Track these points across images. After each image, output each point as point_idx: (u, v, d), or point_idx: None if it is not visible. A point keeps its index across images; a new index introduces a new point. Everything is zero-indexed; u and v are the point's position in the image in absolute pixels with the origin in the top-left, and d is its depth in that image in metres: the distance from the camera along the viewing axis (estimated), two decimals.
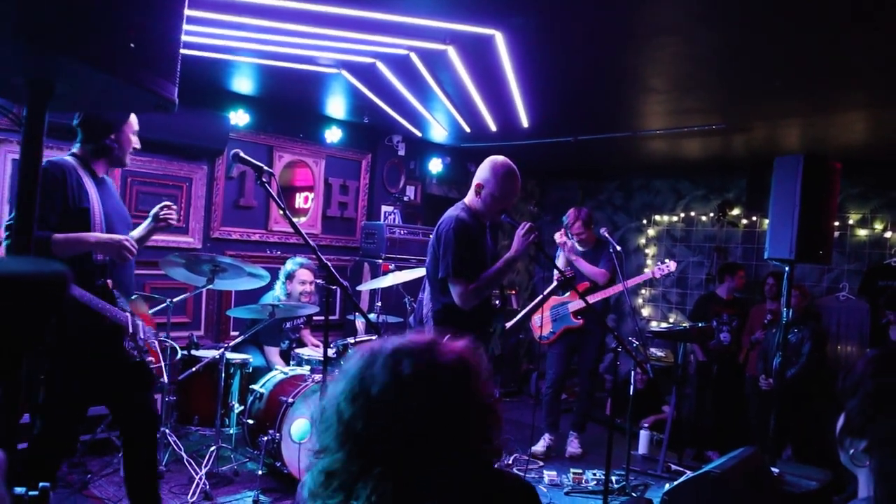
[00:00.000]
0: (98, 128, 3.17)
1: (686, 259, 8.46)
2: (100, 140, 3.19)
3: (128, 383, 3.30)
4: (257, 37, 4.34)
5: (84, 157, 3.21)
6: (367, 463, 1.18)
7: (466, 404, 1.24)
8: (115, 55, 1.29)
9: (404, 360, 1.24)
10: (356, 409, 1.21)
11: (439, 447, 1.19)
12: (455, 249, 3.36)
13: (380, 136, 7.36)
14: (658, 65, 4.51)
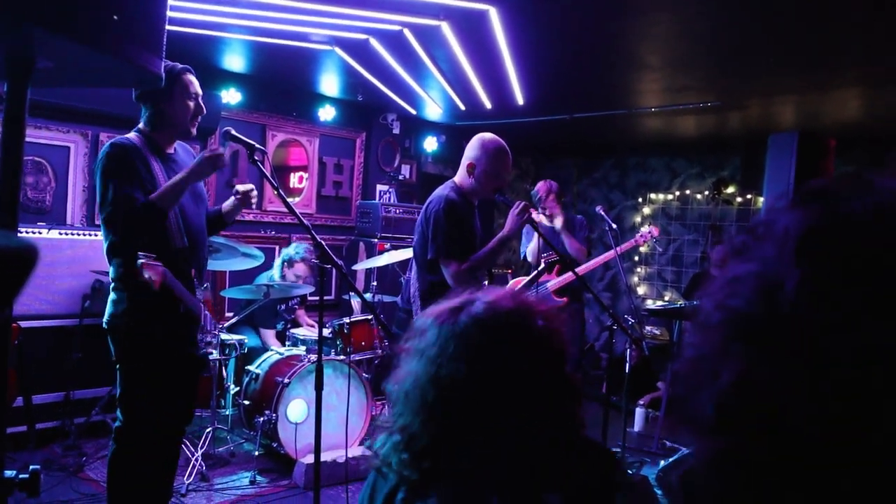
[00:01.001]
0: (149, 97, 2.93)
1: (681, 237, 8.45)
2: (154, 108, 2.94)
3: (190, 376, 3.14)
4: (248, 13, 4.28)
5: (146, 133, 2.98)
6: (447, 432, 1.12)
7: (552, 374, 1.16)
8: (97, 28, 1.25)
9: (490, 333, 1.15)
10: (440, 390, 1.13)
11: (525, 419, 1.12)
12: (446, 229, 3.33)
13: (374, 114, 7.30)
14: (652, 41, 4.47)
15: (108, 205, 2.78)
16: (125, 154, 2.82)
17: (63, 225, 5.12)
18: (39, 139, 5.05)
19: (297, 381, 4.52)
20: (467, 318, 1.16)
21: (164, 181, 2.87)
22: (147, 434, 2.92)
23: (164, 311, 2.85)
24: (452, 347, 1.13)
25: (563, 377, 1.17)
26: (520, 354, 1.13)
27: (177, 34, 4.51)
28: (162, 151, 2.98)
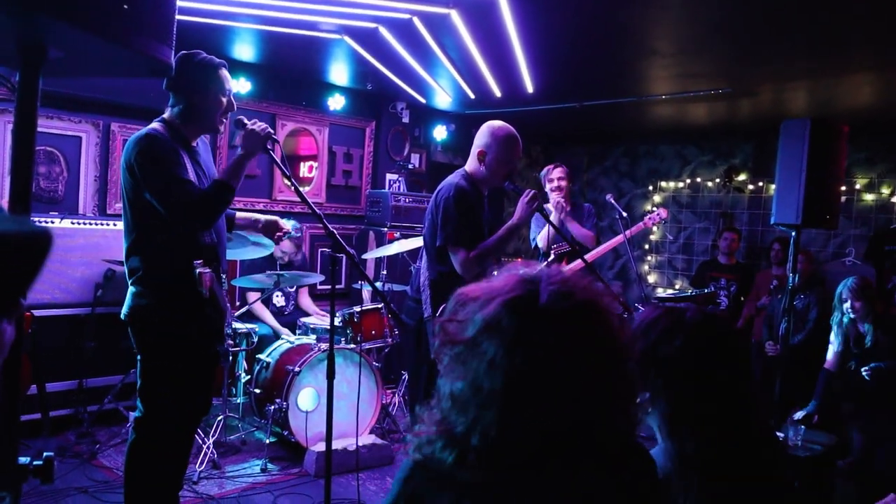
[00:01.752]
0: (183, 88, 2.84)
1: (692, 225, 8.42)
2: (185, 101, 2.86)
3: (210, 369, 3.11)
4: (257, 1, 4.27)
5: (172, 123, 2.88)
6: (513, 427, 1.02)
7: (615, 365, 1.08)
8: (108, 18, 1.26)
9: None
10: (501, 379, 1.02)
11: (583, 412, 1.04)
12: (455, 217, 3.32)
13: (383, 103, 7.29)
14: (663, 28, 4.44)
15: (170, 191, 2.71)
16: (165, 143, 2.77)
17: (75, 214, 5.15)
18: (52, 129, 5.08)
19: (308, 370, 4.54)
20: (545, 303, 1.05)
21: (193, 174, 2.83)
22: (167, 425, 2.91)
23: (191, 307, 2.81)
24: (527, 341, 1.03)
25: (627, 372, 1.10)
26: (595, 345, 1.05)
27: (186, 23, 4.52)
28: (187, 144, 2.93)
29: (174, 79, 2.80)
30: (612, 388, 1.05)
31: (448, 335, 1.09)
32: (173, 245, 2.81)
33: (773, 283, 6.31)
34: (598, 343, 1.05)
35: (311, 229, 6.70)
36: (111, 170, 5.43)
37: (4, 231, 0.69)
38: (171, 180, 2.72)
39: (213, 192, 2.79)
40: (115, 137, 5.45)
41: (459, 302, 1.11)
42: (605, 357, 1.05)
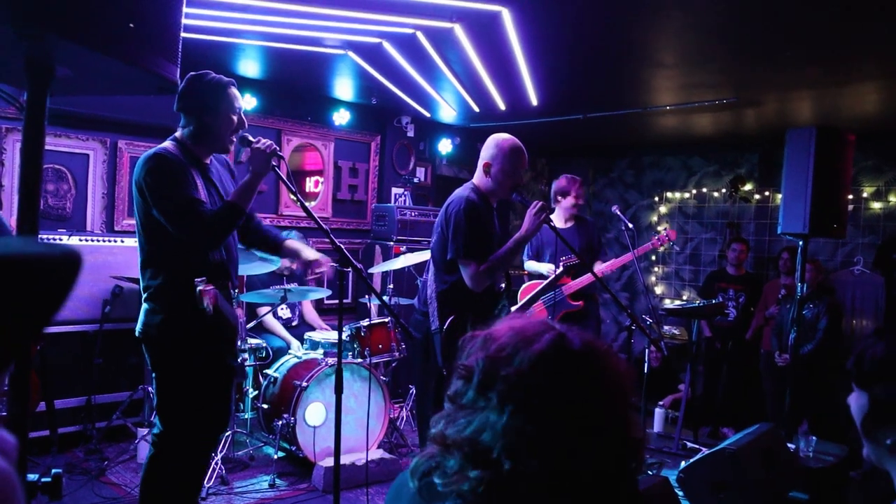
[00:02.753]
0: (193, 108, 2.87)
1: (699, 236, 8.40)
2: (196, 121, 2.88)
3: (226, 385, 3.11)
4: (262, 18, 4.31)
5: (184, 142, 2.91)
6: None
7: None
8: (114, 36, 1.27)
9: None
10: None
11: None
12: (466, 230, 3.32)
13: (388, 117, 7.32)
14: (666, 38, 4.45)
15: (178, 211, 2.73)
16: (175, 162, 2.79)
17: (83, 231, 5.18)
18: (59, 147, 5.12)
19: (315, 385, 4.54)
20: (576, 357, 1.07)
21: (205, 193, 2.85)
22: (185, 441, 2.93)
23: (202, 324, 2.81)
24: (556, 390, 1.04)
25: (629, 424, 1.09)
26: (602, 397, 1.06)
27: (192, 41, 4.55)
28: (200, 163, 2.94)
29: (184, 99, 2.85)
30: (623, 431, 1.07)
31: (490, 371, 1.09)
32: (182, 262, 2.83)
33: (782, 292, 6.28)
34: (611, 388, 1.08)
35: (317, 244, 6.71)
36: (118, 187, 5.46)
37: (31, 254, 0.68)
38: (179, 199, 2.73)
39: (223, 212, 2.81)
40: (123, 154, 5.49)
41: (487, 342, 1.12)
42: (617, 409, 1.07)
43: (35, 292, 0.67)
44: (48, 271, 0.69)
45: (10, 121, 4.83)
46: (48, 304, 0.69)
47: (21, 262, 0.66)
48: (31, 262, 0.67)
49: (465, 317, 3.33)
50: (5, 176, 4.88)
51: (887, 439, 1.33)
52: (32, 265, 0.67)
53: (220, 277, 2.90)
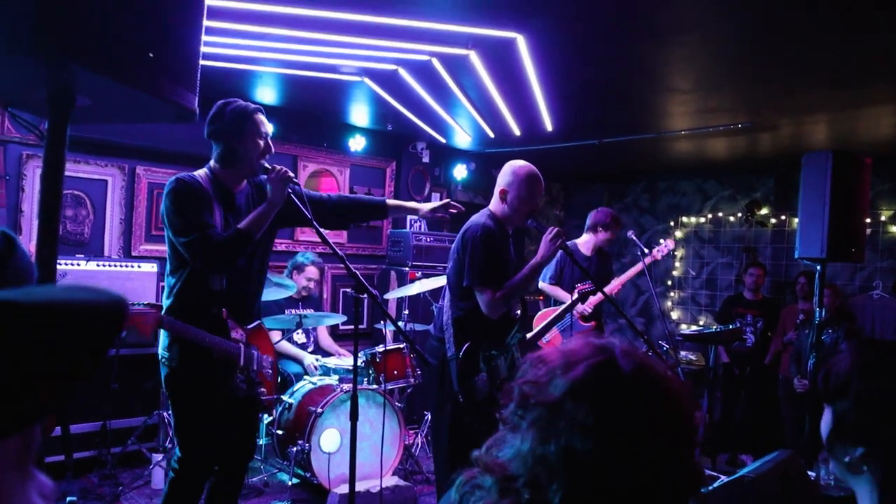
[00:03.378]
0: (221, 133, 2.95)
1: (715, 260, 8.35)
2: (225, 146, 2.96)
3: (234, 416, 3.11)
4: (279, 46, 4.36)
5: (214, 170, 3.00)
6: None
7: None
8: (133, 66, 1.29)
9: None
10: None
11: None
12: (482, 257, 3.31)
13: (404, 143, 7.36)
14: (680, 63, 4.46)
15: (186, 232, 2.81)
16: (194, 188, 2.88)
17: (101, 257, 5.22)
18: (78, 173, 5.18)
19: (330, 411, 4.52)
20: (628, 371, 1.02)
21: (220, 220, 2.92)
22: (201, 466, 2.99)
23: (203, 355, 2.90)
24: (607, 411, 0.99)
25: (690, 460, 1.02)
26: (671, 426, 1.01)
27: (210, 68, 4.61)
28: (229, 192, 3.01)
29: (212, 125, 2.95)
30: (678, 472, 1.01)
31: (527, 396, 1.05)
32: (190, 288, 2.92)
33: (800, 317, 6.21)
34: (671, 422, 1.02)
35: (332, 269, 6.73)
36: (136, 212, 5.51)
37: (78, 301, 0.67)
38: (190, 222, 2.81)
39: (230, 238, 2.86)
40: (140, 180, 5.54)
41: (535, 364, 1.09)
42: (676, 438, 1.02)
43: (80, 341, 0.66)
44: (94, 320, 0.68)
45: (31, 147, 4.90)
46: (92, 353, 0.68)
47: (67, 310, 0.65)
48: (78, 310, 0.66)
49: (481, 343, 3.32)
50: (25, 201, 4.94)
51: (846, 456, 1.31)
52: (79, 314, 0.66)
53: (215, 305, 2.96)
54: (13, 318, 0.60)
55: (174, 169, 5.61)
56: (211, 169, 3.00)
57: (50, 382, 0.64)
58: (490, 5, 3.61)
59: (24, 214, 4.92)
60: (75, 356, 0.66)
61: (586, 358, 1.04)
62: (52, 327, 0.63)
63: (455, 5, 3.66)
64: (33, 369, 0.62)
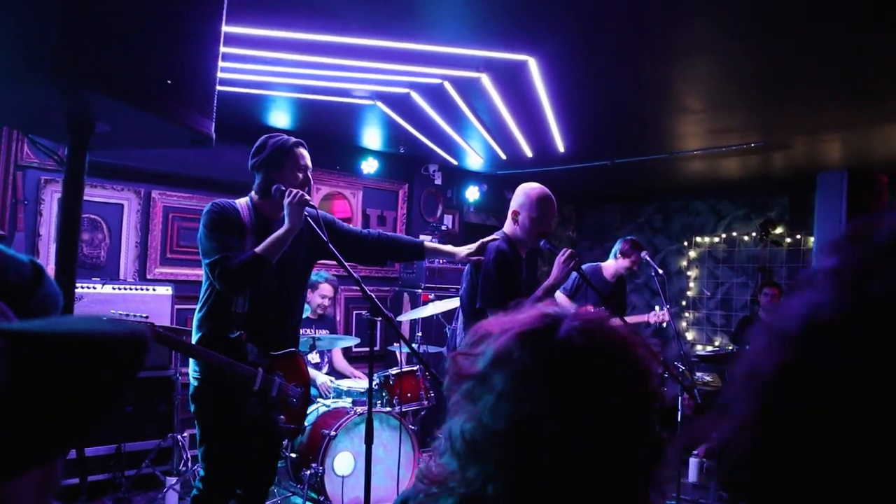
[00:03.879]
0: (262, 167, 3.06)
1: (730, 280, 8.30)
2: (265, 177, 3.05)
3: (255, 438, 3.12)
4: (293, 71, 4.41)
5: (255, 201, 3.10)
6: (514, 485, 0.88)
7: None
8: (152, 93, 1.31)
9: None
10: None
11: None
12: (494, 279, 3.33)
13: (416, 165, 7.40)
14: (692, 84, 4.47)
15: (210, 254, 2.88)
16: (227, 213, 2.97)
17: (116, 280, 5.25)
18: (95, 197, 5.23)
19: (344, 434, 4.50)
20: (563, 342, 0.92)
21: (249, 246, 2.97)
22: (223, 485, 3.04)
23: (220, 371, 2.93)
24: (540, 377, 0.90)
25: (651, 428, 0.93)
26: (617, 393, 0.91)
27: (225, 93, 4.66)
28: (267, 223, 3.05)
29: (255, 157, 3.07)
30: (631, 444, 0.91)
31: (458, 368, 0.98)
32: (215, 309, 3.00)
33: None
34: (618, 388, 0.91)
35: (345, 292, 6.74)
36: (151, 236, 5.55)
37: (101, 333, 0.65)
38: (214, 245, 2.88)
39: (247, 262, 2.90)
40: (156, 204, 5.59)
41: (475, 335, 1.01)
42: (625, 406, 0.91)
43: (103, 374, 0.65)
44: (117, 353, 0.66)
45: (49, 172, 4.95)
46: (115, 387, 0.66)
47: (90, 343, 0.64)
48: (100, 343, 0.65)
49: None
50: (43, 225, 4.99)
51: None
52: (101, 347, 0.65)
53: (234, 328, 2.98)
54: (35, 351, 0.59)
55: (189, 193, 5.66)
56: (251, 199, 3.10)
57: (73, 416, 0.63)
58: (501, 29, 3.64)
59: (42, 238, 4.97)
60: (98, 389, 0.65)
61: (522, 324, 0.95)
62: (75, 360, 0.62)
63: (466, 29, 3.69)
64: (56, 403, 0.61)
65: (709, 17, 3.39)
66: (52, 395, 0.60)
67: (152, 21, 1.35)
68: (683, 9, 3.33)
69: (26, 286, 0.92)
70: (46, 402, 0.60)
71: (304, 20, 3.62)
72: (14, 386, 0.57)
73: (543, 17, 3.48)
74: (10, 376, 0.57)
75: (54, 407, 0.61)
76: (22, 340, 0.59)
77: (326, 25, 3.66)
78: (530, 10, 3.39)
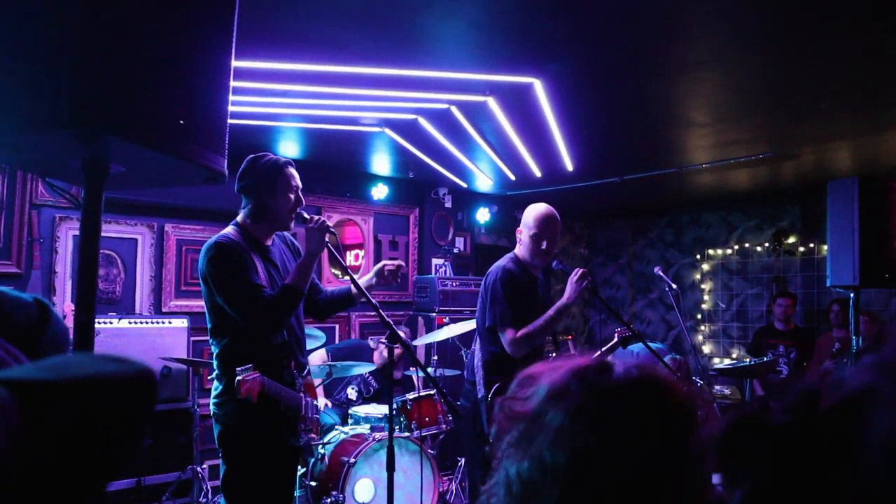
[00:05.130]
0: (252, 188, 2.93)
1: (744, 292, 8.25)
2: (256, 201, 2.94)
3: (283, 468, 3.06)
4: (301, 102, 4.46)
5: (244, 225, 2.96)
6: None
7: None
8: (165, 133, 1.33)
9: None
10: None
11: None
12: (501, 297, 3.39)
13: (426, 189, 7.43)
14: (698, 98, 4.49)
15: (239, 298, 2.77)
16: (237, 250, 2.82)
17: (132, 314, 5.29)
18: (109, 233, 5.29)
19: (364, 461, 4.49)
20: (616, 376, 0.92)
21: (265, 276, 2.88)
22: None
23: (265, 409, 2.81)
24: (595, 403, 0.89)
25: (697, 475, 0.91)
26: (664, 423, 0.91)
27: (234, 126, 4.70)
28: (260, 245, 2.98)
29: (243, 180, 2.94)
30: (678, 475, 0.91)
31: (509, 411, 0.97)
32: (247, 346, 2.85)
33: (836, 346, 6.10)
34: (668, 422, 0.91)
35: (359, 318, 6.76)
36: (165, 269, 5.60)
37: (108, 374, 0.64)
38: (240, 287, 2.77)
39: (282, 296, 2.82)
40: (169, 237, 5.64)
41: (522, 380, 1.01)
42: (674, 439, 0.91)
43: (115, 416, 0.63)
44: (126, 393, 0.65)
45: (63, 210, 5.02)
46: (128, 427, 0.65)
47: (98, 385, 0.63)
48: (109, 384, 0.64)
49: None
50: (58, 263, 5.04)
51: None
52: (110, 387, 0.63)
53: (284, 358, 2.93)
54: (44, 399, 0.58)
55: (201, 225, 5.71)
56: (240, 224, 2.96)
57: (87, 464, 0.61)
58: (506, 52, 3.67)
59: (58, 275, 5.02)
60: (111, 431, 0.63)
61: (574, 364, 0.95)
62: (85, 404, 0.60)
63: (471, 54, 3.73)
64: (73, 449, 0.59)
65: (712, 31, 3.41)
66: (65, 441, 0.59)
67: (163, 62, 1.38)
68: (686, 24, 3.36)
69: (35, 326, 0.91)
70: (64, 450, 0.59)
71: (311, 52, 3.67)
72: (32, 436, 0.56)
73: (547, 40, 3.52)
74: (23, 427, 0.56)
75: (73, 453, 0.60)
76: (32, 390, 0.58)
77: (333, 56, 3.71)
78: (534, 32, 3.43)
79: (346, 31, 3.42)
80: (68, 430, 0.59)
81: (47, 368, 0.62)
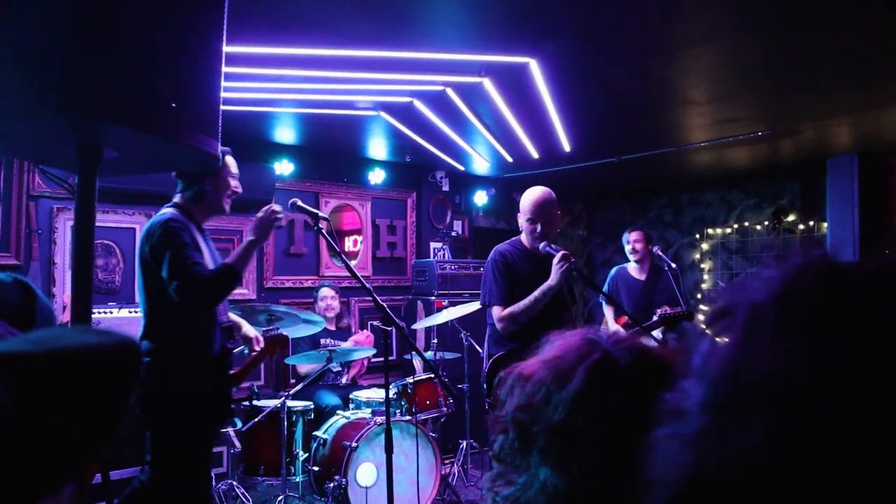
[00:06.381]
0: (192, 175, 3.09)
1: (744, 271, 8.25)
2: (197, 186, 3.12)
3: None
4: (296, 87, 4.43)
5: (185, 207, 3.13)
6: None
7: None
8: (157, 117, 1.32)
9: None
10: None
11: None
12: (492, 277, 3.61)
13: (423, 173, 7.41)
14: (695, 76, 4.46)
15: (182, 274, 2.89)
16: (183, 227, 2.98)
17: (132, 304, 5.28)
18: (107, 223, 5.27)
19: (365, 445, 4.51)
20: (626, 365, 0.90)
21: (209, 255, 3.07)
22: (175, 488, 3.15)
23: (193, 379, 3.02)
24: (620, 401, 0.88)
25: None
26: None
27: (230, 112, 4.69)
28: (201, 227, 3.18)
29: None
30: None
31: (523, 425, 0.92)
32: (175, 328, 3.03)
33: None
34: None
35: (359, 303, 6.76)
36: None
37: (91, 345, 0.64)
38: (184, 263, 2.90)
39: (219, 275, 2.97)
40: None
41: (520, 384, 0.95)
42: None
43: (99, 386, 0.63)
44: (109, 363, 0.65)
45: (61, 200, 5.00)
46: (112, 398, 0.65)
47: (82, 356, 0.62)
48: (92, 355, 0.63)
49: (512, 354, 3.51)
50: (57, 254, 5.03)
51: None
52: (93, 358, 0.63)
53: (209, 341, 3.08)
54: (30, 372, 0.58)
55: None
56: (180, 206, 3.12)
57: (75, 436, 0.61)
58: (501, 32, 3.64)
59: (57, 266, 5.01)
60: (95, 403, 0.63)
61: (579, 362, 0.91)
62: (72, 375, 0.60)
63: (466, 34, 3.70)
64: (62, 419, 0.59)
65: (709, 6, 3.38)
66: (51, 414, 0.59)
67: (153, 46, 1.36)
68: (683, 1, 3.33)
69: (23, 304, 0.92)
70: (52, 421, 0.59)
71: (304, 35, 3.64)
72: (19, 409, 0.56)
73: (542, 19, 3.49)
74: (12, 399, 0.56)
75: (60, 424, 0.60)
76: (17, 364, 0.58)
77: (327, 39, 3.68)
78: (529, 11, 3.40)
79: (339, 13, 3.39)
80: (54, 401, 0.59)
81: (32, 342, 0.62)
